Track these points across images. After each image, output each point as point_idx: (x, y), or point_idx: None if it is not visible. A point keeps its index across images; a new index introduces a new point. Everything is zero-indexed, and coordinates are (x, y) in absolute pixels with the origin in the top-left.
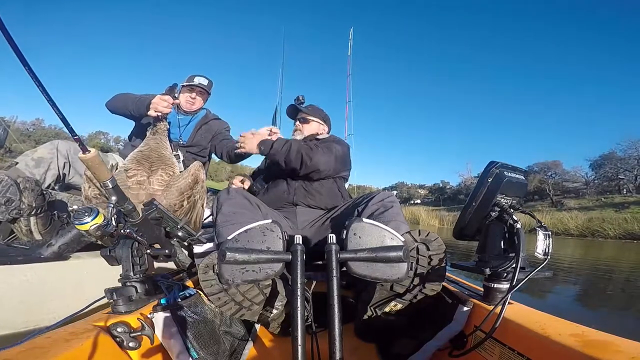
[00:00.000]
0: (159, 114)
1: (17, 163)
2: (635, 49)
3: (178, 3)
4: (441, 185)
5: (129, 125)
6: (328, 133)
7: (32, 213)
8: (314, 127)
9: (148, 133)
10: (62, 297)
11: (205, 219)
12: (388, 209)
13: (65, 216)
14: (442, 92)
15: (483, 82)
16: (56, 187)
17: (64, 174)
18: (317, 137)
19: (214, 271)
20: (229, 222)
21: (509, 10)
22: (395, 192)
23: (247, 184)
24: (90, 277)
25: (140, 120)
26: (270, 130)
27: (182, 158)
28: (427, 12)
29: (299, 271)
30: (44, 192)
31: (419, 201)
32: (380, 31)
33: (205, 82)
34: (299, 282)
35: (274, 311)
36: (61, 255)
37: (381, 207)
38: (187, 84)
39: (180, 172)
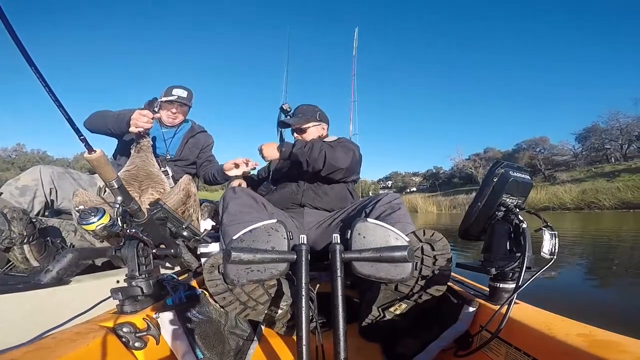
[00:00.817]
0: (141, 129)
1: (1, 193)
2: (611, 24)
3: (178, 3)
4: (434, 170)
5: (112, 143)
6: (328, 129)
7: (25, 241)
8: (313, 131)
9: (132, 151)
10: (66, 321)
11: (203, 231)
12: (395, 210)
13: (58, 241)
14: (426, 79)
15: (465, 66)
16: (46, 214)
17: (52, 200)
18: (324, 140)
19: (219, 271)
20: (235, 221)
21: None
22: (390, 182)
23: (244, 185)
24: (94, 299)
25: (123, 137)
26: (247, 162)
27: (171, 173)
28: None
29: (303, 271)
30: (33, 220)
31: (414, 189)
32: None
33: (184, 94)
34: (303, 282)
35: (279, 311)
36: (61, 280)
37: (388, 208)
38: (166, 98)
39: (170, 187)
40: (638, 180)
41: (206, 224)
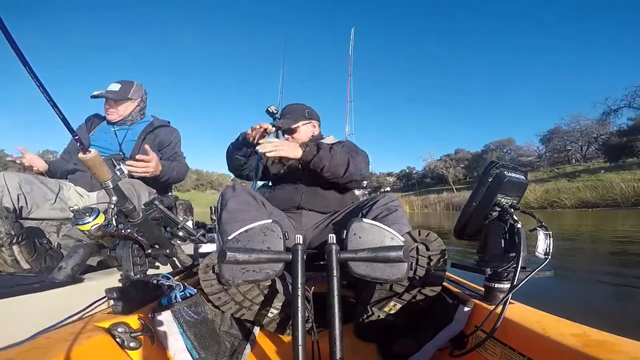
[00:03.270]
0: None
1: None
2: (578, 29)
3: (175, 4)
4: (408, 170)
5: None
6: (320, 126)
7: (14, 241)
8: (305, 131)
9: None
10: (60, 322)
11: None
12: (392, 212)
13: (45, 242)
14: (400, 82)
15: (437, 70)
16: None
17: (21, 207)
18: (322, 140)
19: (214, 271)
20: (234, 219)
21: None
22: (365, 182)
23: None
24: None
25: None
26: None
27: (126, 172)
28: None
29: (299, 271)
30: (19, 220)
31: (388, 189)
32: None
33: (115, 87)
34: (299, 282)
35: (275, 311)
36: (75, 278)
37: (385, 210)
38: (97, 93)
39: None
40: (596, 180)
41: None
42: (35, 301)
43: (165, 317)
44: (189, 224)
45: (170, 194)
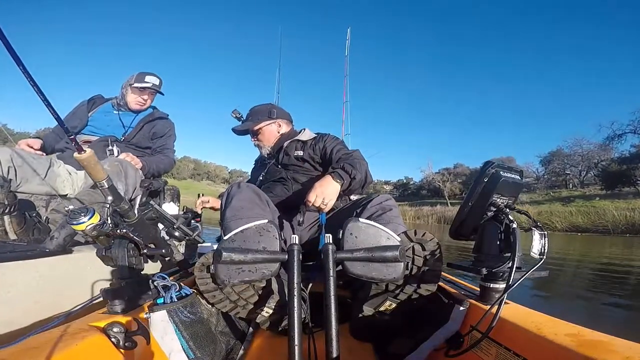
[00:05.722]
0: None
1: None
2: (587, 50)
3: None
4: (405, 180)
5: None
6: (292, 124)
7: (6, 211)
8: (269, 130)
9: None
10: (71, 292)
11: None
12: (387, 211)
13: (34, 215)
14: (404, 89)
15: (442, 84)
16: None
17: (10, 180)
18: (296, 135)
19: (208, 270)
20: (237, 216)
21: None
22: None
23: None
24: (95, 270)
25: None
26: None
27: (116, 154)
28: None
29: (295, 271)
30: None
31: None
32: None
33: (157, 81)
34: (295, 282)
35: (269, 311)
36: (65, 249)
37: (380, 209)
38: (140, 85)
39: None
40: (589, 206)
41: (169, 207)
42: (26, 268)
43: (161, 316)
44: (174, 209)
45: (160, 179)
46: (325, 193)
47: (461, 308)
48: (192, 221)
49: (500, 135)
